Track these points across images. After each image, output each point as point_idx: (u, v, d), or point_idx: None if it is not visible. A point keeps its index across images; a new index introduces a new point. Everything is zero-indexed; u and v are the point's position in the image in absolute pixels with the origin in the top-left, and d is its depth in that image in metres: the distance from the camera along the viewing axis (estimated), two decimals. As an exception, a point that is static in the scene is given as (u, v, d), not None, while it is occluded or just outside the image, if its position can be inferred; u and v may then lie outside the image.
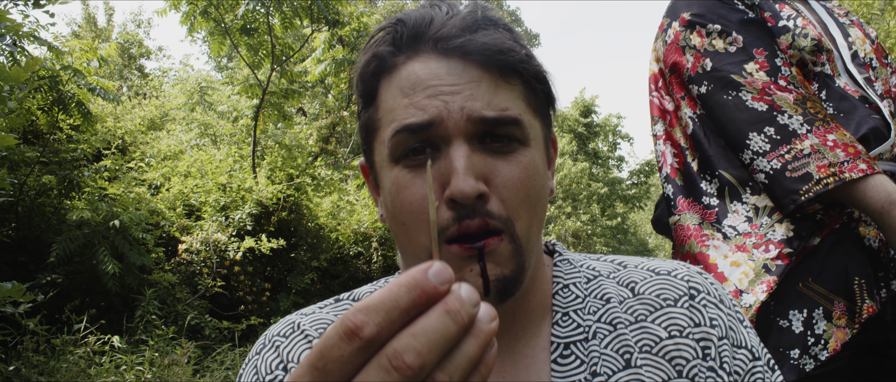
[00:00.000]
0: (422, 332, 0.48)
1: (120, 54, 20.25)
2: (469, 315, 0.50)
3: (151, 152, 10.52)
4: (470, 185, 0.87)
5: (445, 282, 0.50)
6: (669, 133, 2.06)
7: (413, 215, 0.93)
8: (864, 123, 1.80)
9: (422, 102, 0.92)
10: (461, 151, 0.90)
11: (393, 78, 0.97)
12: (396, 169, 0.95)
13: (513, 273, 0.92)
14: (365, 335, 0.48)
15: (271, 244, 8.94)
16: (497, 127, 0.92)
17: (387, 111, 0.96)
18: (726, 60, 1.86)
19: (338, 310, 1.13)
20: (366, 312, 0.48)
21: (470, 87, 0.92)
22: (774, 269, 1.74)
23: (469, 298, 0.51)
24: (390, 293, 0.49)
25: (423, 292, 0.49)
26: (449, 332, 0.49)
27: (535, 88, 0.99)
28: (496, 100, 0.92)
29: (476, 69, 0.93)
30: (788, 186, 1.72)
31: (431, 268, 0.50)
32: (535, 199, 0.95)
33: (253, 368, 1.08)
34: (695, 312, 1.01)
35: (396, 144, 0.94)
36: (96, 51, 7.89)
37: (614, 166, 34.95)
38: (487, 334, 0.51)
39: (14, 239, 7.10)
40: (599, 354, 0.98)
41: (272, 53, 10.91)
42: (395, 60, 0.97)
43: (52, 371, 5.10)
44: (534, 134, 0.97)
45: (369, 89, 1.00)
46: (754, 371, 1.00)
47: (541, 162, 0.98)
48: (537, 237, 0.98)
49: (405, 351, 0.47)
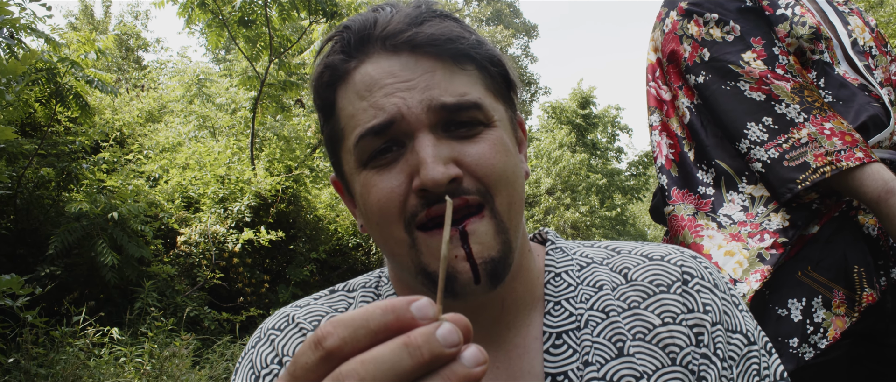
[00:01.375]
0: (371, 359, 0.47)
1: (117, 46, 20.19)
2: (432, 353, 0.48)
3: (150, 145, 10.52)
4: (440, 172, 0.87)
5: (425, 317, 0.49)
6: (665, 123, 2.05)
7: (382, 210, 0.93)
8: (864, 111, 1.79)
9: (379, 101, 0.92)
10: (426, 140, 0.90)
11: (348, 85, 0.96)
12: (364, 173, 0.95)
13: (500, 253, 0.92)
14: (326, 345, 0.48)
15: (270, 235, 8.93)
16: (459, 113, 0.92)
17: (348, 118, 0.96)
18: (724, 49, 1.85)
19: (332, 301, 1.13)
20: (334, 324, 0.49)
21: (424, 78, 0.92)
22: (769, 258, 1.73)
23: (447, 338, 0.48)
24: (364, 312, 0.49)
25: (398, 318, 0.49)
26: (401, 366, 0.47)
27: (491, 71, 0.99)
28: (453, 87, 0.92)
29: (428, 61, 0.93)
30: (785, 175, 1.71)
31: (418, 302, 0.50)
32: (512, 175, 0.94)
33: (249, 363, 1.07)
34: (688, 297, 1.00)
35: (362, 149, 0.94)
36: (94, 43, 7.86)
37: (613, 157, 34.92)
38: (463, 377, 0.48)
39: (13, 232, 7.10)
40: (592, 343, 0.97)
41: (270, 45, 10.87)
42: (346, 66, 0.97)
43: (51, 362, 5.10)
44: (498, 116, 0.97)
45: (327, 101, 1.00)
46: (750, 356, 1.00)
47: (509, 141, 0.98)
48: (518, 218, 0.97)
49: (348, 375, 0.47)
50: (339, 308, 1.11)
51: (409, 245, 0.93)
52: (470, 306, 0.97)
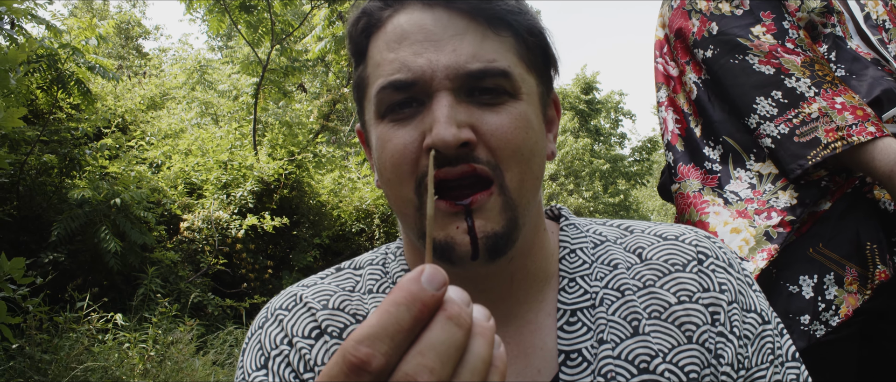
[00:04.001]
0: (429, 348, 0.47)
1: (117, 34, 20.14)
2: (469, 316, 0.49)
3: (152, 131, 10.49)
4: (451, 132, 0.85)
5: (440, 286, 0.48)
6: (673, 99, 2.03)
7: (395, 166, 0.92)
8: (878, 85, 1.76)
9: (406, 58, 0.90)
10: (444, 101, 0.88)
11: (380, 33, 0.96)
12: (382, 125, 0.94)
13: (504, 229, 0.90)
14: (373, 368, 0.46)
15: (274, 221, 8.93)
16: (483, 79, 0.90)
17: (374, 67, 0.96)
18: (733, 24, 1.82)
19: (339, 280, 1.11)
20: (370, 342, 0.46)
21: (455, 40, 0.90)
22: (776, 237, 1.71)
23: (462, 299, 0.49)
24: (390, 316, 0.47)
25: (424, 305, 0.48)
26: (457, 340, 0.47)
27: (528, 41, 0.97)
28: (482, 51, 0.90)
29: (462, 20, 0.91)
30: (796, 151, 1.69)
31: (424, 274, 0.48)
32: (528, 153, 0.92)
33: (257, 343, 1.06)
34: (704, 277, 0.99)
35: (381, 99, 0.93)
36: (94, 29, 7.83)
37: (616, 142, 34.87)
38: (490, 330, 0.50)
39: (15, 218, 7.09)
40: (606, 321, 0.96)
41: (272, 31, 10.83)
42: (381, 14, 0.96)
43: (55, 348, 5.11)
44: (526, 88, 0.95)
45: (360, 47, 1.00)
46: (764, 335, 0.99)
47: (534, 118, 0.95)
48: (532, 194, 0.95)
49: (418, 372, 0.46)
50: (346, 287, 1.09)
51: (416, 207, 0.92)
52: (470, 275, 0.96)
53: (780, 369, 0.98)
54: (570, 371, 0.93)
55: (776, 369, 0.98)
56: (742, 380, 0.95)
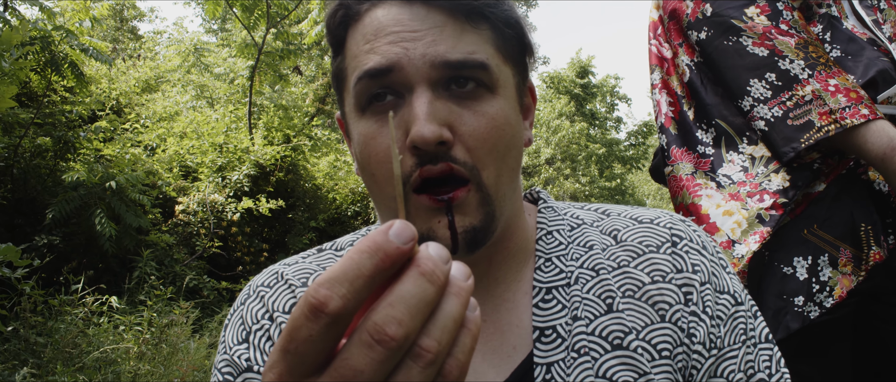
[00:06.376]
0: (399, 300, 0.47)
1: (112, 16, 20.02)
2: (444, 274, 0.49)
3: (147, 114, 10.45)
4: (431, 130, 0.86)
5: (408, 241, 0.49)
6: (666, 82, 2.02)
7: (380, 165, 0.93)
8: (873, 66, 1.75)
9: (383, 47, 0.91)
10: (424, 97, 0.89)
11: (358, 26, 0.96)
12: (363, 120, 0.95)
13: (482, 223, 0.92)
14: (330, 309, 0.46)
15: (270, 204, 8.93)
16: (462, 71, 0.91)
17: (352, 58, 0.96)
18: (726, 5, 1.81)
19: (320, 260, 1.14)
20: (329, 285, 0.46)
21: (433, 32, 0.91)
22: (768, 220, 1.71)
23: (440, 255, 0.50)
24: (352, 262, 0.47)
25: (387, 255, 0.48)
26: (427, 295, 0.48)
27: (505, 33, 0.98)
28: (461, 44, 0.91)
29: (440, 14, 0.92)
30: (789, 134, 1.69)
31: (392, 228, 0.49)
32: (503, 150, 0.94)
33: (239, 319, 1.09)
34: (677, 258, 1.01)
35: (360, 90, 0.93)
36: (88, 10, 7.78)
37: (612, 127, 34.88)
38: (466, 291, 0.51)
39: (10, 201, 7.08)
40: (581, 298, 0.98)
41: (267, 13, 10.76)
42: (359, 7, 0.96)
43: (50, 331, 5.11)
44: (503, 80, 0.96)
45: (337, 39, 1.01)
46: (737, 316, 1.01)
47: (511, 111, 0.97)
48: (509, 186, 0.97)
49: (386, 323, 0.46)
50: (326, 267, 1.11)
51: None
52: None
53: (753, 350, 1.00)
54: (544, 348, 0.95)
55: (748, 349, 0.99)
56: (714, 359, 0.97)
